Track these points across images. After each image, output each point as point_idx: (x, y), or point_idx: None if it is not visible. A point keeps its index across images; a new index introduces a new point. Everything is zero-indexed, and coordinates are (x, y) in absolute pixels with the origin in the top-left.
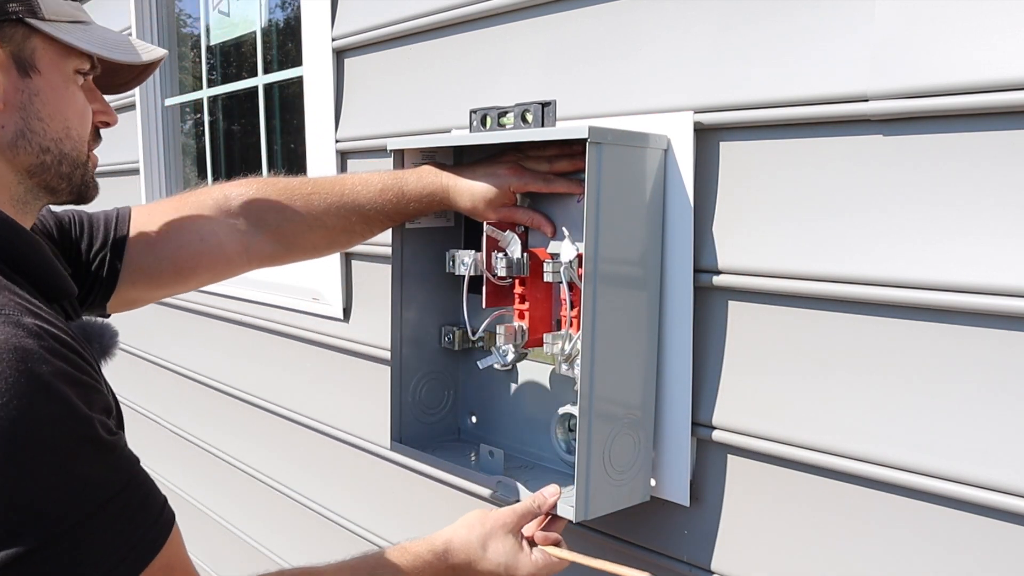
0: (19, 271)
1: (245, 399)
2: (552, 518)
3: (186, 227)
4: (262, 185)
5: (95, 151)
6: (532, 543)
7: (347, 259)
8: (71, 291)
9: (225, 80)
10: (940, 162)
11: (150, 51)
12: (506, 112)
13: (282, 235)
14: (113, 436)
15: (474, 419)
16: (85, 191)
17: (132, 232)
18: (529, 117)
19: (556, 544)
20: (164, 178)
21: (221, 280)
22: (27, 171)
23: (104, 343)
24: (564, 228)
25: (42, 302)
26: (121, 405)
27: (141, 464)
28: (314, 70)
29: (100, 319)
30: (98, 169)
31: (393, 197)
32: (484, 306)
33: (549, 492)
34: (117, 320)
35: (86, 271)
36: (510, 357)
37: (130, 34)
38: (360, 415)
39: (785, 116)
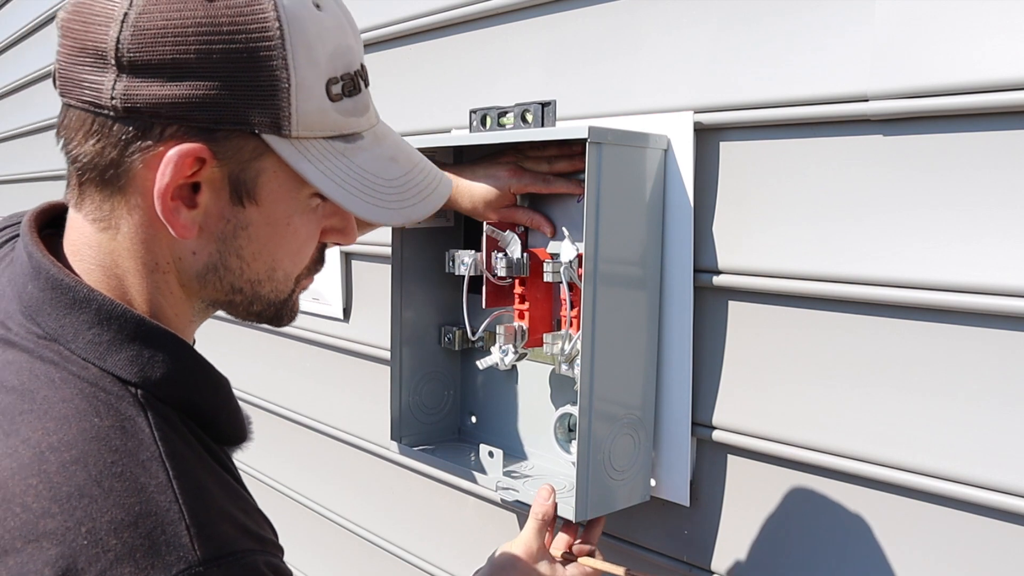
0: (204, 424)
1: (245, 399)
2: (589, 525)
3: None
4: None
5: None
6: (570, 555)
7: (347, 259)
8: (247, 434)
9: None
10: (940, 162)
11: (428, 194)
12: (506, 112)
13: None
14: None
15: (474, 419)
16: (276, 322)
17: None
18: (529, 117)
19: (591, 555)
20: None
21: None
22: (211, 302)
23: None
24: (564, 228)
25: (218, 451)
26: None
27: None
28: None
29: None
30: None
31: None
32: (484, 306)
33: (544, 497)
34: None
35: None
36: (510, 357)
37: None
38: (360, 415)
39: (785, 116)
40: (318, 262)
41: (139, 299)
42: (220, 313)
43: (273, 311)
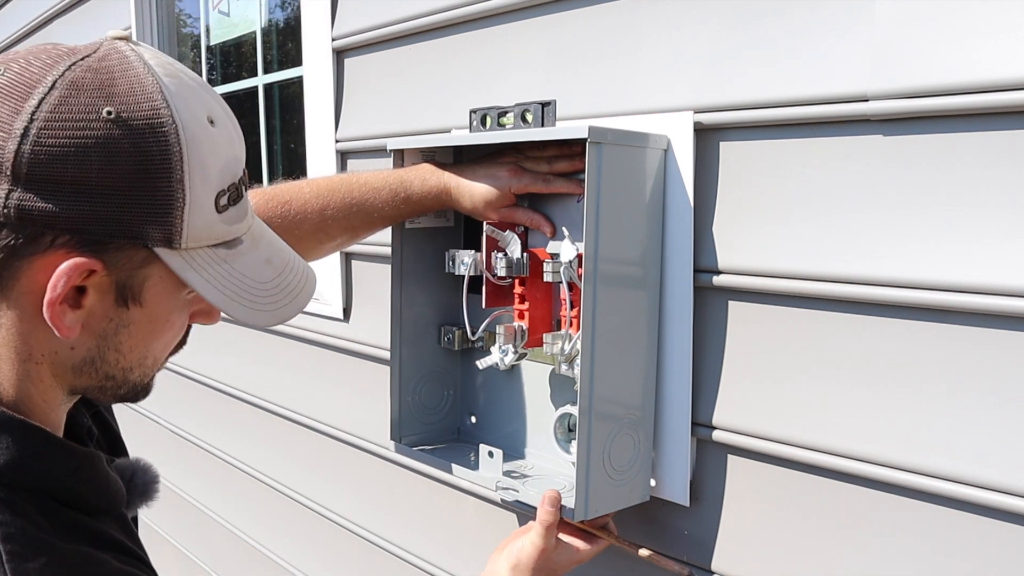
0: (63, 500)
1: (245, 399)
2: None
3: None
4: (278, 206)
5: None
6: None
7: (347, 259)
8: (120, 503)
9: (225, 80)
10: (940, 162)
11: (300, 291)
12: (506, 112)
13: (296, 251)
14: None
15: (474, 419)
16: (133, 399)
17: None
18: (529, 117)
19: (604, 528)
20: None
21: None
22: (82, 389)
23: (147, 496)
24: (564, 228)
25: (88, 523)
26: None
27: None
28: (314, 70)
29: (143, 465)
30: None
31: (401, 203)
32: (484, 306)
33: (550, 501)
34: None
35: None
36: (510, 357)
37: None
38: (360, 415)
39: (785, 116)
40: (182, 343)
41: (6, 385)
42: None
43: (135, 393)
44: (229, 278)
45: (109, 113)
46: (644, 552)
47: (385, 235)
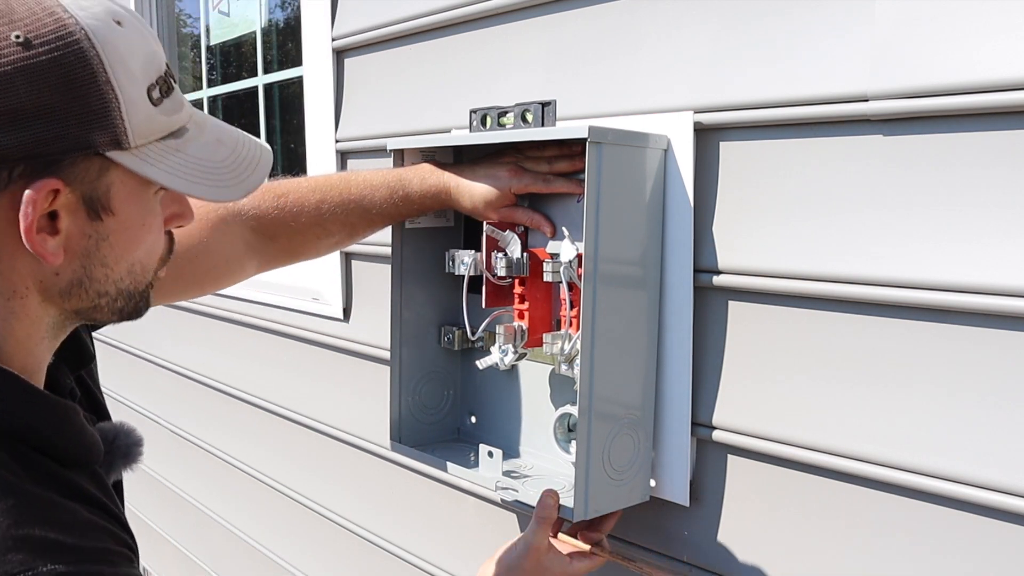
0: (39, 447)
1: (245, 399)
2: (602, 518)
3: (207, 245)
4: (274, 198)
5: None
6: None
7: (347, 259)
8: (97, 459)
9: (225, 80)
10: (940, 162)
11: (256, 162)
12: (506, 112)
13: (292, 245)
14: None
15: (474, 419)
16: (135, 316)
17: None
18: (529, 117)
19: (598, 544)
20: None
21: (232, 286)
22: (75, 312)
23: (130, 459)
24: (564, 228)
25: (63, 473)
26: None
27: None
28: (314, 70)
29: (127, 429)
30: None
31: (399, 201)
32: (484, 306)
33: (549, 496)
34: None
35: None
36: (510, 357)
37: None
38: (360, 415)
39: (785, 116)
40: (170, 249)
41: None
42: (220, 313)
43: (133, 305)
44: (186, 164)
45: (18, 37)
46: (642, 566)
47: (385, 235)
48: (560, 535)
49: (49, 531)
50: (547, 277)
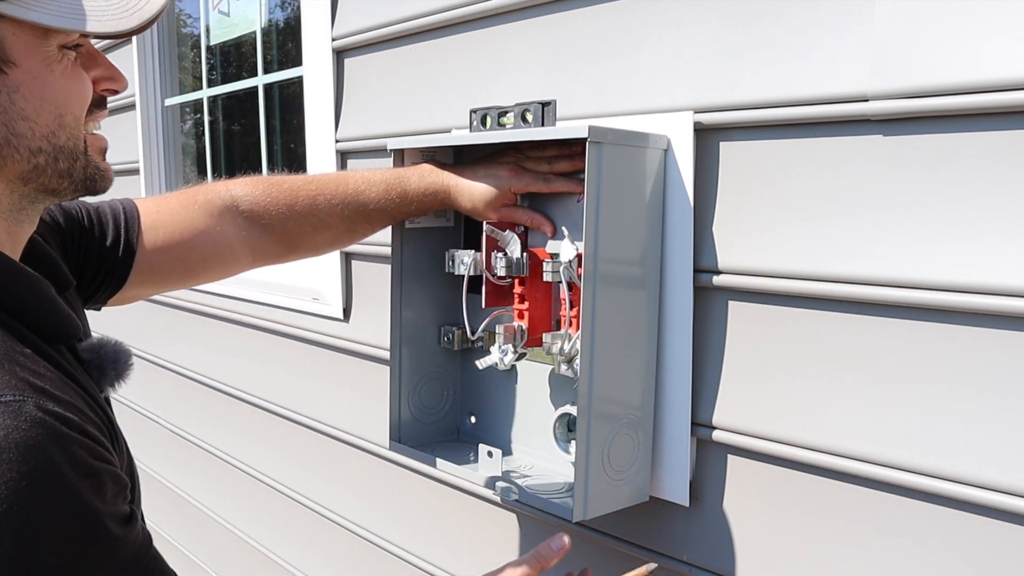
0: (17, 316)
1: (245, 399)
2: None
3: (198, 229)
4: (267, 186)
5: (99, 128)
6: None
7: (347, 259)
8: (75, 332)
9: (225, 80)
10: (940, 162)
11: (145, 4)
12: (506, 112)
13: (287, 236)
14: (126, 527)
15: (473, 419)
16: (92, 184)
17: (143, 231)
18: (529, 117)
19: None
20: (164, 178)
21: (224, 279)
22: (20, 178)
23: (119, 368)
24: (564, 228)
25: (40, 345)
26: (128, 437)
27: (153, 548)
28: (314, 70)
29: (113, 341)
30: None
31: (396, 197)
32: (484, 306)
33: (556, 546)
34: (112, 316)
35: (95, 269)
36: (509, 357)
37: None
38: (360, 415)
39: (785, 116)
40: (98, 107)
41: None
42: (220, 313)
43: (80, 168)
44: (72, 7)
45: None
46: None
47: (385, 235)
48: None
49: (33, 378)
50: (547, 277)
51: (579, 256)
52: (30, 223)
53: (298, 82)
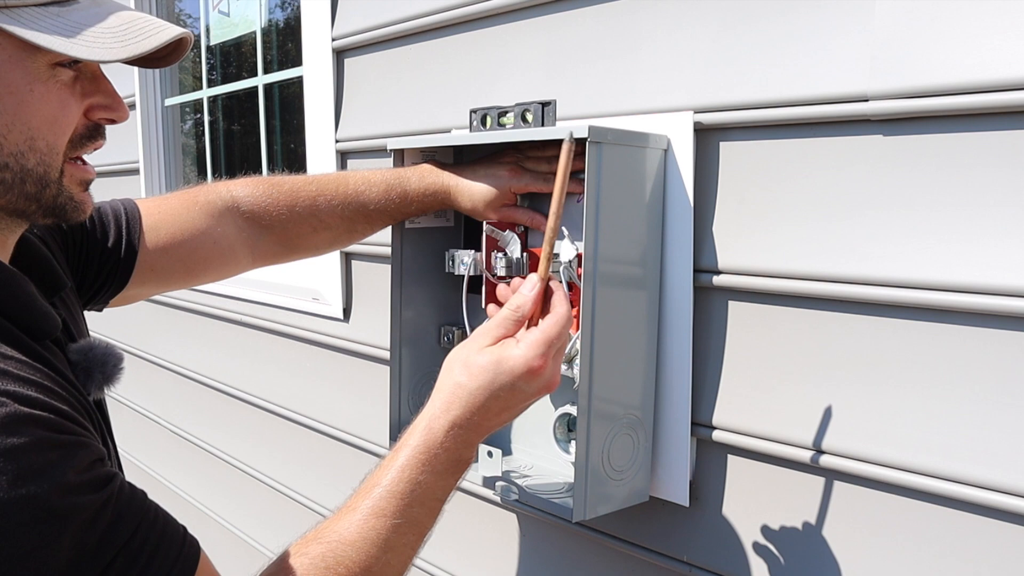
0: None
1: (245, 399)
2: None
3: (199, 230)
4: (268, 187)
5: (92, 154)
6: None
7: (347, 259)
8: (53, 330)
9: (225, 80)
10: (940, 162)
11: (153, 34)
12: (506, 112)
13: (287, 237)
14: (104, 489)
15: None
16: (62, 212)
17: (144, 231)
18: (529, 117)
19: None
20: (164, 178)
21: (225, 279)
22: None
23: (107, 372)
24: (564, 228)
25: (24, 340)
26: (117, 422)
27: (148, 500)
28: (314, 70)
29: (104, 343)
30: (97, 169)
31: (396, 197)
32: (484, 306)
33: (527, 289)
34: (112, 315)
35: (97, 270)
36: None
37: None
38: (360, 415)
39: (785, 116)
40: (91, 137)
41: None
42: (220, 313)
43: (50, 196)
44: (65, 25)
45: None
46: None
47: (385, 235)
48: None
49: (10, 365)
50: None
51: (579, 256)
52: (11, 231)
53: (298, 82)
